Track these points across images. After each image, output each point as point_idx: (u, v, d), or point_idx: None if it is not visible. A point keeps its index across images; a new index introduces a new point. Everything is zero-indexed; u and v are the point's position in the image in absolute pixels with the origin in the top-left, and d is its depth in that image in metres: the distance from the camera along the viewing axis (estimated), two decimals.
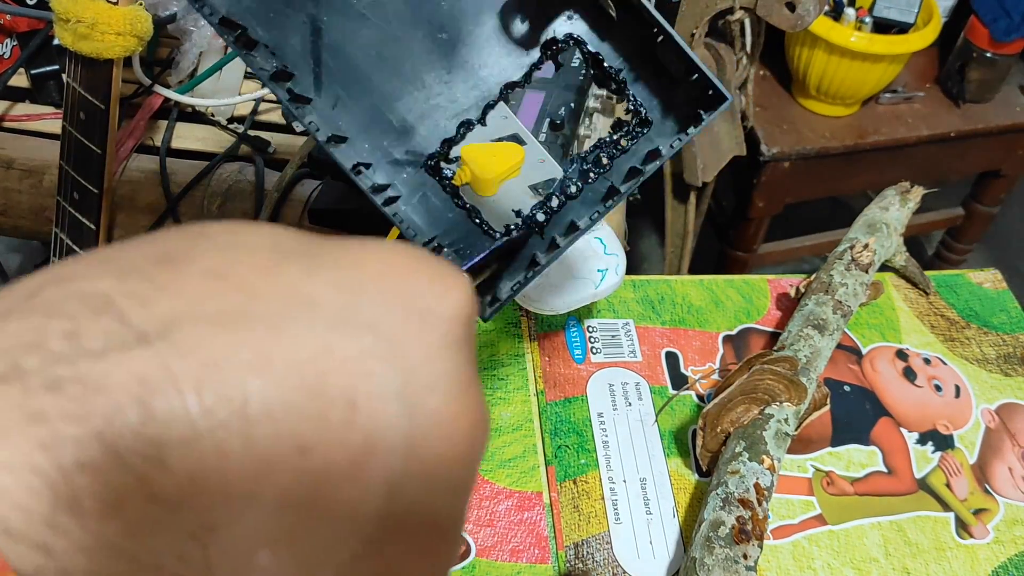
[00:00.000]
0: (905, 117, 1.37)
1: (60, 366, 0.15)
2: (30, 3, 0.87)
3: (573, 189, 0.44)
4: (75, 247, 0.76)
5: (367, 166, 0.43)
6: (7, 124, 0.86)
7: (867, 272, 0.66)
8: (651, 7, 0.38)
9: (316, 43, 0.42)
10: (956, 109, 1.39)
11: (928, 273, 0.73)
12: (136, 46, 0.68)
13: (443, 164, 0.44)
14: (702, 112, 0.40)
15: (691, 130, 0.40)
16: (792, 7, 0.83)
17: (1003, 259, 1.81)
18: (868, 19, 1.28)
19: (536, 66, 0.43)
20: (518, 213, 0.44)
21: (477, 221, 0.44)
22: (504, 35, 0.43)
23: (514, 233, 0.44)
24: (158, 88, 0.86)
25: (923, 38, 1.25)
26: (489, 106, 0.44)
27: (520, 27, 0.42)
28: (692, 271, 1.33)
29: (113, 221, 0.80)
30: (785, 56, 1.35)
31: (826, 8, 1.22)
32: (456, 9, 0.42)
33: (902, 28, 1.29)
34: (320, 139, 0.42)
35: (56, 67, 0.86)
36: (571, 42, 0.42)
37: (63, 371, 0.15)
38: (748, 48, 0.96)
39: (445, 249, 0.44)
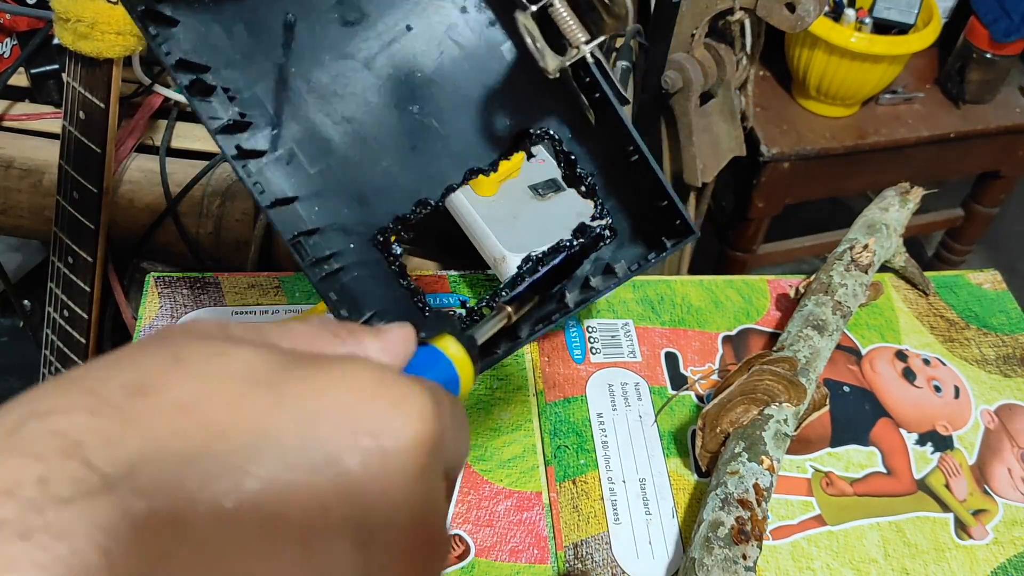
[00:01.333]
0: (905, 118, 1.37)
1: (31, 514, 0.17)
2: (30, 2, 0.86)
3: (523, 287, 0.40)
4: (75, 247, 0.76)
5: (311, 233, 0.40)
6: (7, 124, 0.86)
7: (867, 273, 0.66)
8: (631, 127, 0.36)
9: (280, 94, 0.39)
10: (956, 110, 1.39)
11: (928, 274, 0.73)
12: (136, 45, 0.68)
13: (393, 240, 0.41)
14: (666, 240, 0.38)
15: (651, 256, 0.39)
16: (792, 8, 0.83)
17: (1003, 260, 1.81)
18: (868, 20, 1.28)
19: (504, 156, 0.40)
20: (463, 303, 0.42)
21: (419, 303, 0.41)
22: (479, 119, 0.40)
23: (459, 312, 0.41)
24: (158, 87, 0.86)
25: (923, 39, 1.24)
26: (450, 189, 0.41)
27: (498, 113, 0.40)
28: (692, 271, 1.33)
29: (113, 221, 0.80)
30: (785, 56, 1.35)
31: (826, 9, 1.22)
32: (432, 83, 0.40)
33: (902, 29, 1.29)
34: (262, 203, 0.38)
35: (56, 66, 0.86)
36: (546, 137, 0.39)
37: (33, 520, 0.17)
38: (748, 48, 0.96)
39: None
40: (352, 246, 0.41)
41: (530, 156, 0.41)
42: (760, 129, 1.31)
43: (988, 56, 1.33)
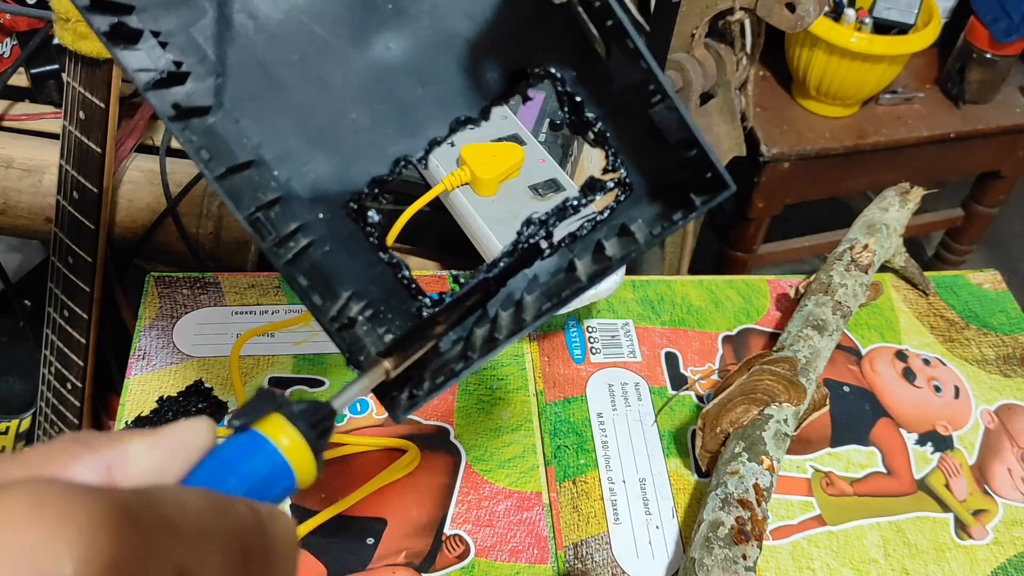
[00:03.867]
0: (905, 118, 1.37)
1: None
2: (30, 3, 0.87)
3: (545, 246, 0.35)
4: (75, 247, 0.76)
5: (271, 205, 0.34)
6: (7, 124, 0.86)
7: (867, 273, 0.66)
8: (652, 62, 0.29)
9: (222, 36, 0.33)
10: (956, 110, 1.39)
11: (928, 274, 0.73)
12: None
13: (370, 207, 0.35)
14: (694, 196, 0.31)
15: (677, 216, 0.32)
16: (792, 8, 0.83)
17: (1003, 260, 1.81)
18: (868, 20, 1.28)
19: (497, 101, 0.35)
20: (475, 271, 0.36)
21: (404, 279, 0.36)
22: (465, 58, 0.34)
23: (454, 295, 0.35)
24: None
25: (923, 39, 1.25)
26: (435, 142, 0.35)
27: (487, 51, 0.34)
28: (692, 271, 1.33)
29: (113, 221, 0.80)
30: (785, 56, 1.35)
31: (826, 9, 1.22)
32: (407, 15, 0.33)
33: (902, 29, 1.29)
34: (212, 173, 0.31)
35: (56, 66, 0.86)
36: (546, 76, 0.34)
37: None
38: (748, 48, 0.96)
39: (360, 318, 0.35)
40: (321, 216, 0.35)
41: (526, 99, 0.35)
42: (760, 129, 1.32)
43: (988, 56, 1.33)
